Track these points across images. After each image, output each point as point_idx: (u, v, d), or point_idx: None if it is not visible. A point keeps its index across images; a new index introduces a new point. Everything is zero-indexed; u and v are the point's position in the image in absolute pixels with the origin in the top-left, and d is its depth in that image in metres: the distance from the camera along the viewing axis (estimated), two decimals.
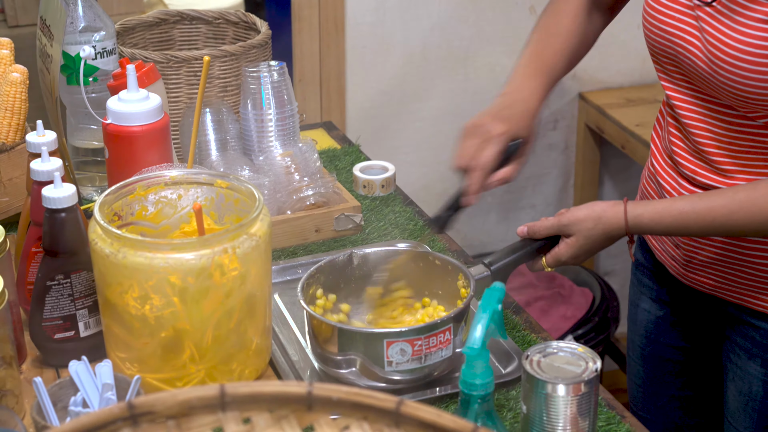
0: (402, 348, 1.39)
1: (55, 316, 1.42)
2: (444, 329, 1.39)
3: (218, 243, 1.31)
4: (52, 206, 1.38)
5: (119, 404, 0.90)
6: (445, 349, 1.40)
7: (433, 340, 1.39)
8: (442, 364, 1.42)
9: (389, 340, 1.38)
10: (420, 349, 1.39)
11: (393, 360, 1.39)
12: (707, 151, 1.46)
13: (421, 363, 1.40)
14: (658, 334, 1.69)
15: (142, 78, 1.66)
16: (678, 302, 1.65)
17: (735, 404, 1.56)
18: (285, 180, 1.83)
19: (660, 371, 1.71)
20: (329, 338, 1.41)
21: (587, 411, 1.29)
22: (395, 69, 2.92)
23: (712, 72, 1.37)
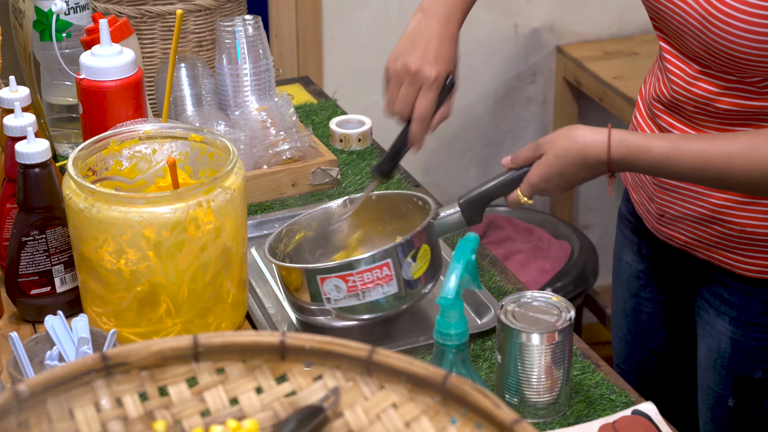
0: (336, 284, 1.37)
1: (31, 271, 1.42)
2: (380, 264, 1.36)
3: (192, 197, 1.31)
4: (25, 161, 1.37)
5: (93, 355, 0.90)
6: (386, 285, 1.37)
7: (368, 276, 1.36)
8: (391, 301, 1.38)
9: (321, 276, 1.37)
10: (354, 285, 1.36)
11: (330, 296, 1.37)
12: (687, 109, 1.44)
13: (359, 299, 1.37)
14: (640, 288, 1.70)
15: (115, 33, 1.65)
16: (656, 257, 1.66)
17: (705, 360, 1.57)
18: (261, 135, 1.83)
19: (641, 325, 1.72)
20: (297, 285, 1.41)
21: (561, 360, 1.30)
22: (372, 23, 2.91)
23: (706, 31, 1.34)
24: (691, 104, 1.43)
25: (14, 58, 1.96)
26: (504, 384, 1.31)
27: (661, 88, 1.47)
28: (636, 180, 1.60)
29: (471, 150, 3.13)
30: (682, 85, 1.43)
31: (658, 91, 1.48)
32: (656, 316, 1.70)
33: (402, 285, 1.39)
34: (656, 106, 1.49)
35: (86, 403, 0.90)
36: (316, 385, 0.94)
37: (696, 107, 1.42)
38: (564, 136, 1.36)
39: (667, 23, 1.42)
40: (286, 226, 1.51)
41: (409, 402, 0.92)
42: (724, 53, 1.34)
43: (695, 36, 1.37)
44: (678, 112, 1.46)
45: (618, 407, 1.34)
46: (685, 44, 1.41)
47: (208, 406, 0.93)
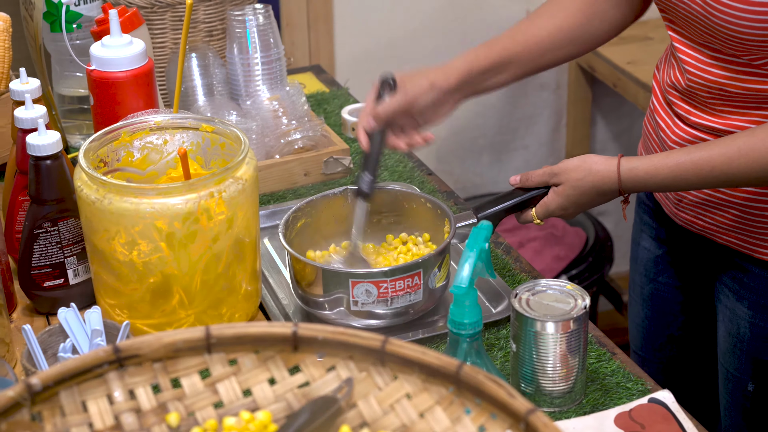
0: (367, 289, 1.38)
1: (44, 264, 1.42)
2: (412, 273, 1.39)
3: (204, 187, 1.30)
4: (36, 153, 1.37)
5: (105, 348, 0.90)
6: (413, 293, 1.40)
7: (400, 284, 1.38)
8: (413, 307, 1.42)
9: (354, 280, 1.38)
10: (386, 292, 1.38)
11: (359, 300, 1.39)
12: (700, 95, 1.44)
13: (387, 306, 1.39)
14: (657, 273, 1.69)
15: (125, 23, 1.64)
16: (674, 241, 1.65)
17: (725, 345, 1.56)
18: (273, 124, 1.82)
19: (659, 311, 1.71)
20: (310, 279, 1.41)
21: (577, 348, 1.29)
22: (384, 11, 2.90)
23: (709, 15, 1.35)
24: (705, 90, 1.42)
25: (24, 49, 1.96)
26: (519, 373, 1.31)
27: (677, 76, 1.47)
28: None
29: (483, 137, 3.11)
30: (696, 72, 1.43)
31: (673, 79, 1.48)
32: (674, 301, 1.69)
33: (427, 294, 1.41)
34: (672, 93, 1.49)
35: (99, 395, 0.90)
36: (329, 375, 0.94)
37: (711, 93, 1.42)
38: (579, 168, 1.43)
39: (674, 13, 1.43)
40: (291, 213, 1.50)
41: (423, 392, 0.91)
42: (728, 36, 1.34)
43: (700, 22, 1.38)
44: (694, 99, 1.45)
45: (634, 395, 1.33)
46: (693, 31, 1.41)
47: (221, 397, 0.93)
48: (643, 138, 1.63)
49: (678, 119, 1.49)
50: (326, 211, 1.54)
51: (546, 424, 0.82)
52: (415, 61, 2.96)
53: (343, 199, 1.54)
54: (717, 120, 1.44)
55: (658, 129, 1.54)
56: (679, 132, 1.48)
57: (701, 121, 1.45)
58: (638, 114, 3.15)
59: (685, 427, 1.27)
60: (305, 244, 1.52)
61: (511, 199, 1.49)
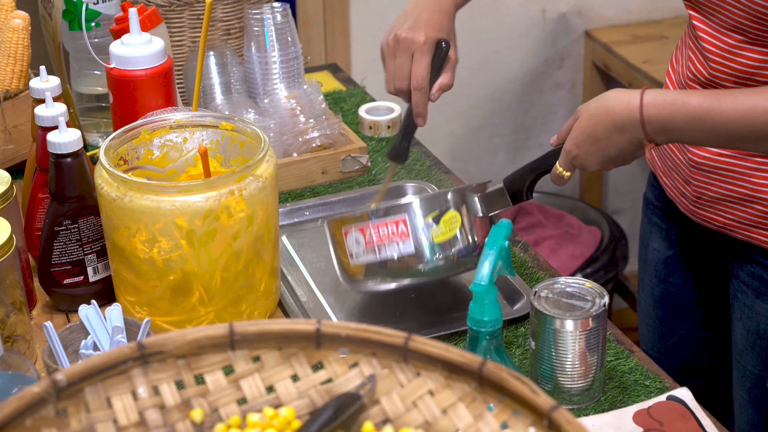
0: (356, 238, 1.37)
1: (64, 261, 1.43)
2: (395, 218, 1.35)
3: (224, 185, 1.30)
4: (57, 151, 1.38)
5: (129, 344, 0.90)
6: (402, 242, 1.36)
7: (383, 230, 1.36)
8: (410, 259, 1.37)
9: (345, 229, 1.38)
10: (371, 240, 1.36)
11: (353, 251, 1.38)
12: (724, 85, 1.41)
13: (376, 255, 1.37)
14: (668, 274, 1.69)
15: (144, 21, 1.65)
16: (687, 241, 1.64)
17: (743, 343, 1.56)
18: (290, 122, 1.82)
19: (669, 311, 1.71)
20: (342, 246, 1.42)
21: (596, 346, 1.29)
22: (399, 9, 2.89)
23: None
24: (731, 79, 1.39)
25: (42, 47, 1.96)
26: (538, 370, 1.31)
27: (697, 67, 1.43)
28: (668, 163, 1.58)
29: (499, 135, 3.11)
30: (722, 61, 1.39)
31: (693, 70, 1.45)
32: (685, 301, 1.68)
33: (421, 246, 1.37)
34: (691, 86, 1.46)
35: (123, 391, 0.91)
36: (352, 372, 0.94)
37: (737, 81, 1.39)
38: (597, 98, 1.32)
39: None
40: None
41: (446, 389, 0.92)
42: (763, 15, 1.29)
43: (737, 3, 1.33)
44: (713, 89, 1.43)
45: (652, 393, 1.33)
46: (724, 15, 1.36)
47: (244, 394, 0.93)
48: None
49: None
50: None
51: (569, 420, 0.82)
52: None
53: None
54: None
55: None
56: None
57: None
58: None
59: (704, 424, 1.27)
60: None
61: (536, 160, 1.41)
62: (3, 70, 1.75)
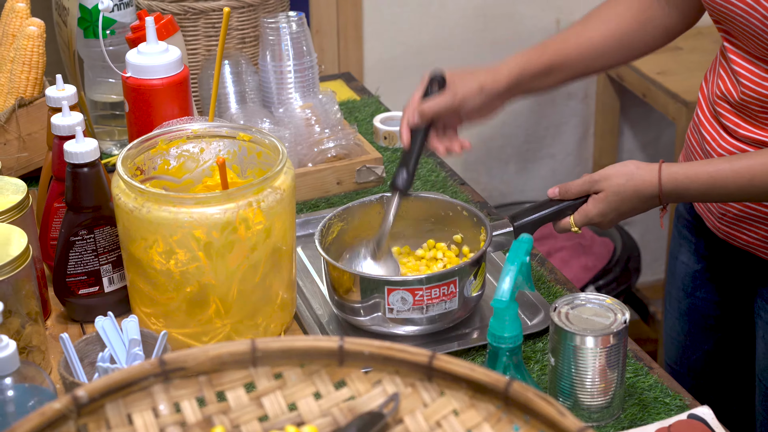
0: (403, 296, 1.37)
1: (79, 271, 1.42)
2: (448, 281, 1.38)
3: (243, 197, 1.29)
4: (74, 161, 1.37)
5: (151, 360, 0.89)
6: (449, 301, 1.39)
7: (436, 292, 1.38)
8: (449, 316, 1.41)
9: (390, 288, 1.37)
10: (421, 299, 1.37)
11: (394, 307, 1.38)
12: (753, 108, 1.42)
13: (422, 313, 1.39)
14: (695, 288, 1.68)
15: (161, 30, 1.64)
16: (715, 256, 1.63)
17: (765, 361, 1.55)
18: (305, 132, 1.81)
19: (695, 326, 1.70)
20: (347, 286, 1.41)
21: (616, 363, 1.28)
22: (413, 19, 2.89)
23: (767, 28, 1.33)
24: (758, 104, 1.40)
25: (55, 54, 1.96)
26: (557, 387, 1.30)
27: (729, 89, 1.44)
28: None
29: (511, 146, 3.10)
30: (752, 87, 1.41)
31: (725, 90, 1.45)
32: (711, 316, 1.67)
33: (462, 302, 1.41)
34: (721, 105, 1.47)
35: (144, 408, 0.89)
36: (375, 390, 0.93)
37: (764, 107, 1.40)
38: (620, 173, 1.41)
39: (731, 25, 1.40)
40: (327, 220, 1.49)
41: (470, 409, 0.90)
42: None
43: (760, 36, 1.35)
44: (745, 112, 1.44)
45: (673, 411, 1.32)
46: (751, 44, 1.39)
47: (266, 411, 0.92)
48: (685, 151, 1.61)
49: (725, 132, 1.47)
50: (362, 217, 1.53)
51: None
52: None
53: (379, 206, 1.54)
54: (766, 134, 1.42)
55: (703, 142, 1.52)
56: (725, 145, 1.47)
57: (749, 134, 1.43)
58: (666, 124, 3.13)
59: None
60: (341, 251, 1.51)
61: (548, 208, 1.48)
62: (18, 78, 1.75)
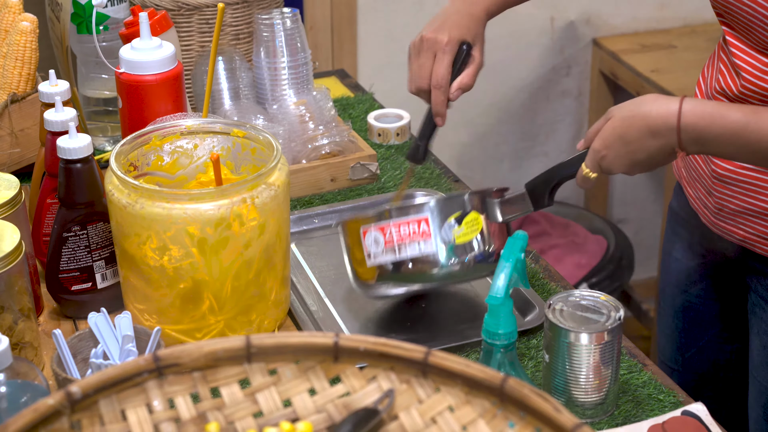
0: (375, 237, 1.35)
1: (72, 267, 1.41)
2: (417, 217, 1.33)
3: (237, 193, 1.29)
4: (67, 157, 1.36)
5: (145, 356, 0.89)
6: (423, 242, 1.33)
7: (405, 229, 1.34)
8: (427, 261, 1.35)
9: (364, 228, 1.36)
10: (391, 239, 1.34)
11: (371, 251, 1.36)
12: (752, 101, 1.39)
13: (395, 255, 1.35)
14: (689, 285, 1.68)
15: (154, 26, 1.63)
16: (708, 252, 1.63)
17: (759, 358, 1.55)
18: (299, 129, 1.81)
19: (689, 322, 1.70)
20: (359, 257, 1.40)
21: (610, 359, 1.28)
22: (407, 15, 2.89)
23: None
24: (758, 97, 1.39)
25: (48, 50, 1.95)
26: (551, 383, 1.30)
27: (728, 83, 1.42)
28: (692, 174, 1.57)
29: (505, 143, 3.10)
30: (754, 80, 1.38)
31: (723, 85, 1.43)
32: (706, 313, 1.67)
33: (442, 247, 1.35)
34: (718, 99, 1.45)
35: (138, 404, 0.89)
36: (370, 386, 0.93)
37: (763, 101, 1.39)
38: (634, 100, 1.28)
39: (735, 17, 1.38)
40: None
41: (466, 405, 0.90)
42: None
43: (763, 28, 1.33)
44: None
45: (666, 407, 1.32)
46: (756, 37, 1.36)
47: (261, 407, 0.92)
48: None
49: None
50: None
51: None
52: None
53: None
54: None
55: None
56: None
57: None
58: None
59: None
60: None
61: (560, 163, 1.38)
62: (10, 73, 1.74)
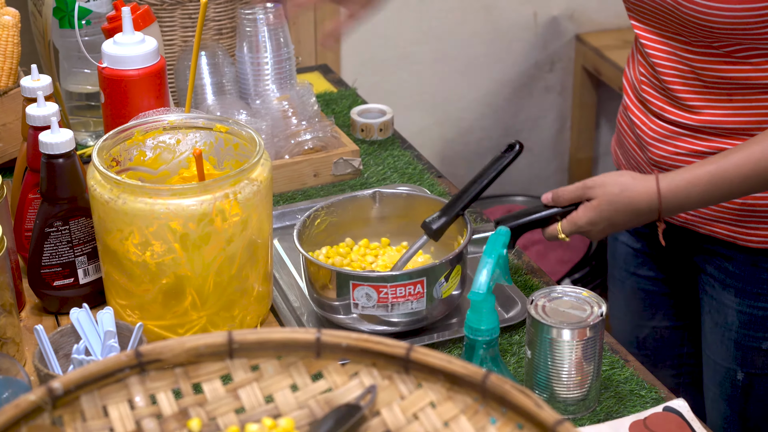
0: (367, 292, 1.36)
1: (54, 263, 1.41)
2: (415, 281, 1.36)
3: (219, 188, 1.29)
4: (49, 152, 1.36)
5: (127, 352, 0.89)
6: (415, 301, 1.37)
7: (401, 290, 1.36)
8: (415, 316, 1.38)
9: (354, 282, 1.36)
10: (386, 297, 1.36)
11: (359, 303, 1.37)
12: (673, 88, 1.47)
13: (387, 311, 1.37)
14: (636, 267, 1.70)
15: (137, 21, 1.63)
16: (653, 234, 1.65)
17: (712, 336, 1.57)
18: (282, 124, 1.81)
19: (639, 304, 1.72)
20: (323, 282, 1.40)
21: (592, 355, 1.28)
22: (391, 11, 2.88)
23: (677, 5, 1.38)
24: (678, 82, 1.46)
25: (30, 44, 1.94)
26: (533, 379, 1.30)
27: (649, 74, 1.51)
28: (630, 162, 1.60)
29: (488, 138, 3.10)
30: (667, 64, 1.46)
31: (647, 75, 1.52)
32: (656, 293, 1.70)
33: (430, 303, 1.39)
34: (646, 90, 1.53)
35: (120, 400, 0.89)
36: (352, 383, 0.93)
37: (684, 84, 1.46)
38: (616, 183, 1.39)
39: (642, 7, 1.46)
40: (313, 211, 1.49)
41: (447, 401, 0.90)
42: (698, 26, 1.37)
43: (669, 14, 1.41)
44: (666, 94, 1.49)
45: (648, 403, 1.32)
46: (661, 24, 1.44)
47: (243, 403, 0.92)
48: (617, 135, 1.65)
49: (653, 116, 1.52)
50: (354, 212, 1.53)
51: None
52: (422, 63, 2.95)
53: (371, 202, 1.53)
54: (692, 116, 1.47)
55: (633, 126, 1.56)
56: (655, 128, 1.51)
57: (677, 118, 1.48)
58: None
59: None
60: (325, 243, 1.51)
61: (536, 213, 1.46)
62: None
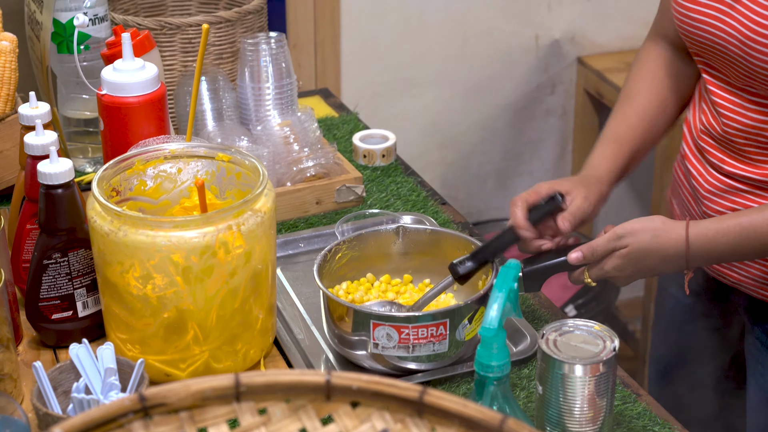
0: (388, 332, 1.33)
1: (53, 295, 1.38)
2: (438, 323, 1.33)
3: (222, 220, 1.26)
4: (48, 182, 1.33)
5: (130, 396, 0.85)
6: (437, 343, 1.34)
7: (423, 332, 1.33)
8: (435, 359, 1.35)
9: (375, 322, 1.33)
10: (407, 338, 1.33)
11: (379, 343, 1.34)
12: (736, 141, 1.41)
13: (408, 352, 1.34)
14: (684, 322, 1.66)
15: (137, 46, 1.60)
16: (704, 292, 1.62)
17: (755, 399, 1.53)
18: (284, 150, 1.78)
19: (682, 359, 1.68)
20: (342, 317, 1.37)
21: (605, 391, 1.25)
22: (391, 34, 2.86)
23: (746, 56, 1.32)
24: (742, 137, 1.40)
25: (28, 69, 1.91)
26: (545, 415, 1.27)
27: (711, 122, 1.44)
28: (685, 213, 1.56)
29: (489, 162, 3.08)
30: (734, 117, 1.40)
31: (706, 124, 1.45)
32: (701, 352, 1.65)
33: (452, 346, 1.36)
34: (704, 140, 1.47)
35: None
36: (363, 426, 0.89)
37: (748, 139, 1.40)
38: (646, 229, 1.35)
39: (710, 56, 1.40)
40: (334, 245, 1.45)
41: None
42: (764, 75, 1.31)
43: (739, 65, 1.35)
44: (729, 146, 1.43)
45: None
46: (731, 75, 1.38)
47: None
48: (673, 184, 1.59)
49: (711, 167, 1.46)
50: (375, 247, 1.49)
51: None
52: (421, 86, 2.93)
53: (395, 237, 1.50)
54: (753, 170, 1.41)
55: (689, 176, 1.51)
56: (712, 181, 1.45)
57: (736, 170, 1.42)
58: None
59: None
60: (346, 277, 1.48)
61: (560, 258, 1.43)
62: None
